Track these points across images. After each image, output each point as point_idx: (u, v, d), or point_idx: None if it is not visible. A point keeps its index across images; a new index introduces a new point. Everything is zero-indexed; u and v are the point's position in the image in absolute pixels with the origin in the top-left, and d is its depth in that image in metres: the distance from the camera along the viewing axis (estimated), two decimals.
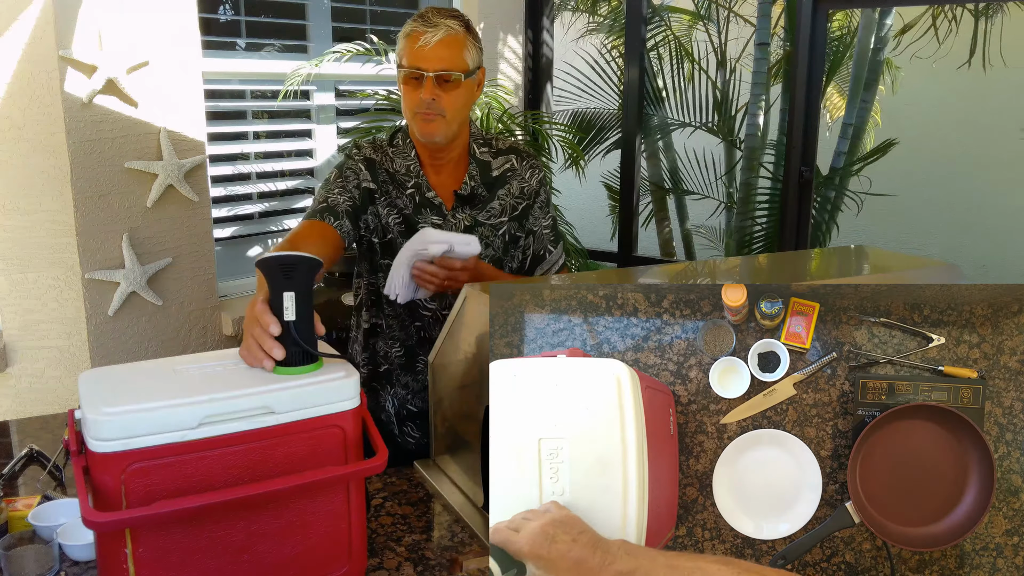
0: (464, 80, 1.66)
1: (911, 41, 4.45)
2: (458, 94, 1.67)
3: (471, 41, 1.68)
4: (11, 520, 1.36)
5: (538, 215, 1.86)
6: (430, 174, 1.79)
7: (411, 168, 1.78)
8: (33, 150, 2.28)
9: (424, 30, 1.63)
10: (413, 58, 1.64)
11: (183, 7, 2.50)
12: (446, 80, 1.64)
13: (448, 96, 1.65)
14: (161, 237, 2.55)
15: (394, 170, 1.79)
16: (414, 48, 1.64)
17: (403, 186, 1.78)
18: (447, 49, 1.63)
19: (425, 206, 1.77)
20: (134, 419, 1.05)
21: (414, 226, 1.76)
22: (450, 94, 1.65)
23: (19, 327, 2.38)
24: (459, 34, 1.65)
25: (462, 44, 1.66)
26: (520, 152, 1.84)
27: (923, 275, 1.61)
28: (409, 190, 1.78)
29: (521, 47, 3.63)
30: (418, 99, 1.65)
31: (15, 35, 2.22)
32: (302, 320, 1.19)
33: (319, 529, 1.19)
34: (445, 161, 1.78)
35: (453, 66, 1.64)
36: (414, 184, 1.77)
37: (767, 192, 4.11)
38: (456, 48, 1.65)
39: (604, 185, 4.60)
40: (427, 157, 1.78)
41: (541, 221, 1.87)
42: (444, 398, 1.61)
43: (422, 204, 1.77)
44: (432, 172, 1.79)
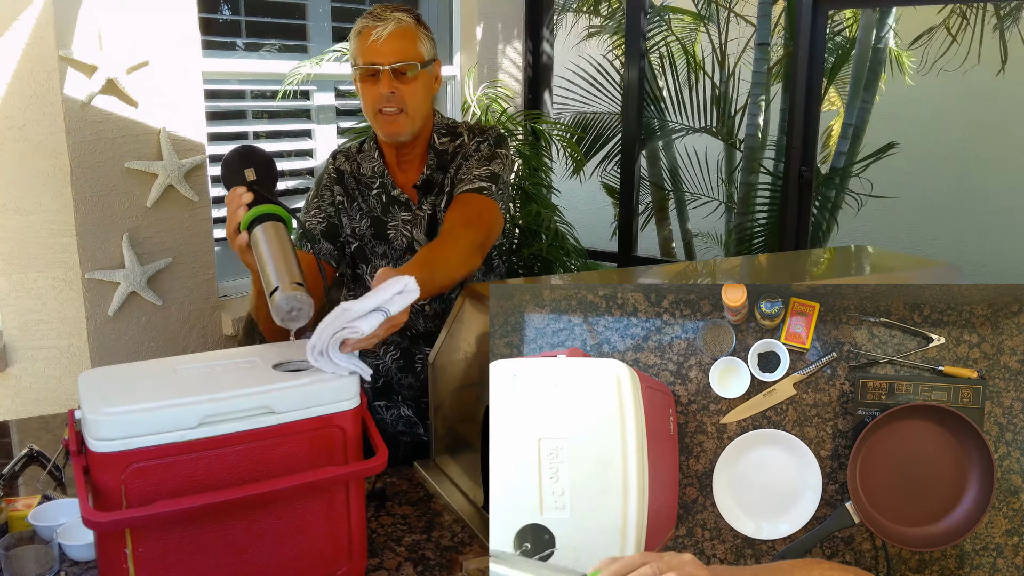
0: (421, 71, 1.66)
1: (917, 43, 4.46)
2: (416, 86, 1.66)
3: (423, 32, 1.68)
4: (11, 520, 1.36)
5: (472, 166, 1.70)
6: (396, 173, 1.78)
7: (375, 169, 1.78)
8: (33, 150, 2.28)
9: (374, 25, 1.64)
10: (367, 54, 1.65)
11: (183, 7, 2.50)
12: (403, 72, 1.64)
13: (407, 88, 1.65)
14: (161, 237, 2.55)
15: (360, 174, 1.80)
16: (366, 44, 1.65)
17: (369, 187, 1.79)
18: (400, 41, 1.64)
19: (392, 204, 1.78)
20: (134, 419, 1.05)
21: (384, 227, 1.77)
22: (408, 86, 1.65)
23: (19, 327, 2.38)
24: (409, 26, 1.65)
25: (413, 35, 1.66)
26: (475, 129, 1.78)
27: (923, 275, 1.61)
28: (375, 191, 1.79)
29: (521, 49, 3.63)
30: (377, 94, 1.65)
31: (15, 35, 2.22)
32: (263, 179, 1.38)
33: (319, 529, 1.19)
34: (410, 158, 1.77)
35: (408, 57, 1.64)
36: (379, 184, 1.78)
37: (767, 192, 4.11)
38: (408, 39, 1.65)
39: (604, 185, 4.60)
40: (391, 156, 1.78)
41: (474, 171, 1.68)
42: (444, 398, 1.61)
43: (389, 203, 1.78)
44: (398, 171, 1.78)
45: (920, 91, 5.05)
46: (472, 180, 1.68)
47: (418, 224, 1.76)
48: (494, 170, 1.69)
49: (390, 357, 1.85)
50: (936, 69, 4.48)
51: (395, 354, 1.84)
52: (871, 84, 4.43)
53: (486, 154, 1.72)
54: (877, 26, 4.40)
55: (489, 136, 1.75)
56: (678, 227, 5.01)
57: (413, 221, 1.76)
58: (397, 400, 1.87)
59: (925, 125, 5.19)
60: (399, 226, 1.78)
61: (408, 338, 1.83)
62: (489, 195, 1.66)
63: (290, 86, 2.83)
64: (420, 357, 1.83)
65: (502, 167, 1.72)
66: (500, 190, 1.69)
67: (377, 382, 1.86)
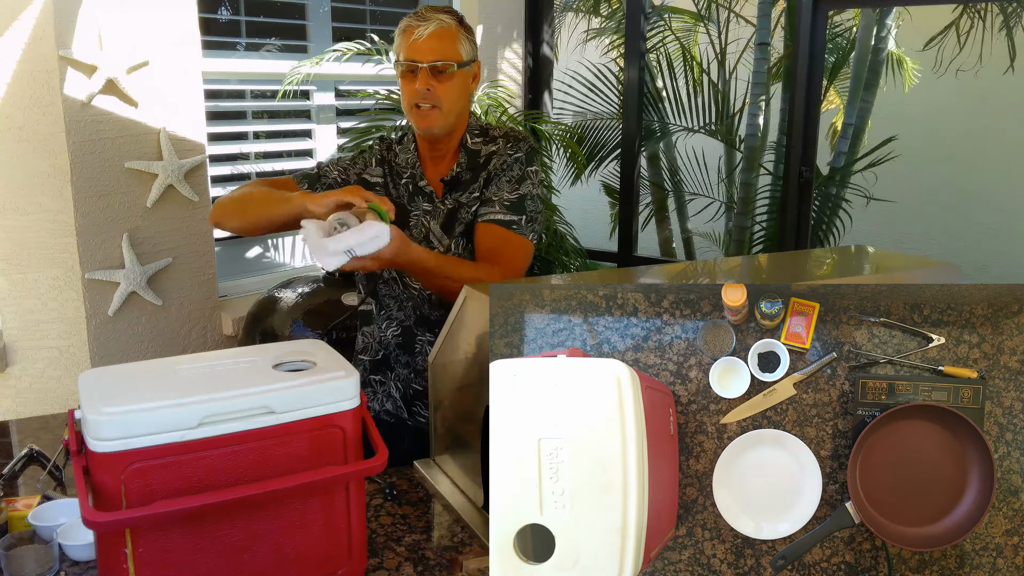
0: (458, 70, 1.73)
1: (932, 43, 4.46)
2: (452, 84, 1.73)
3: (463, 34, 1.75)
4: (11, 520, 1.36)
5: (503, 186, 1.77)
6: (427, 166, 1.86)
7: (409, 160, 1.86)
8: (33, 150, 2.29)
9: (417, 24, 1.72)
10: (408, 51, 1.73)
11: (183, 7, 2.50)
12: (440, 71, 1.71)
13: (443, 86, 1.72)
14: (161, 237, 2.55)
15: (396, 163, 1.88)
16: (408, 42, 1.73)
17: (400, 176, 1.87)
18: (439, 40, 1.71)
19: (417, 194, 1.84)
20: (134, 419, 1.05)
21: (406, 216, 1.84)
22: (444, 84, 1.72)
23: (19, 327, 2.38)
24: (451, 27, 1.73)
25: (454, 36, 1.73)
26: (509, 136, 1.84)
27: (923, 275, 1.61)
28: (404, 180, 1.86)
29: (521, 49, 3.63)
30: (414, 90, 1.72)
31: (15, 35, 2.22)
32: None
33: (319, 529, 1.19)
34: (442, 153, 1.84)
35: (446, 56, 1.71)
36: (409, 174, 1.86)
37: (767, 192, 4.11)
38: (448, 39, 1.72)
39: (604, 185, 4.60)
40: (426, 150, 1.85)
41: (504, 193, 1.76)
42: (444, 398, 1.62)
43: (415, 192, 1.84)
44: (430, 164, 1.85)
45: (920, 91, 5.05)
46: (502, 206, 1.75)
47: (436, 216, 1.81)
48: (523, 192, 1.77)
49: (391, 333, 1.89)
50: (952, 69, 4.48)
51: (396, 331, 1.88)
52: (871, 84, 4.43)
53: (517, 175, 1.78)
54: (877, 26, 4.40)
55: (521, 149, 1.81)
56: (678, 227, 5.01)
57: (432, 212, 1.82)
58: (391, 378, 1.90)
59: (925, 125, 5.19)
60: (420, 215, 1.83)
61: (413, 318, 1.85)
62: (517, 230, 1.75)
63: (290, 86, 2.83)
64: (420, 339, 1.86)
65: (532, 187, 1.79)
66: (529, 219, 1.77)
67: (377, 354, 1.91)
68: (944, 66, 4.50)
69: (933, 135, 5.25)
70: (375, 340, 1.91)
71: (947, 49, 4.52)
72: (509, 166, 1.79)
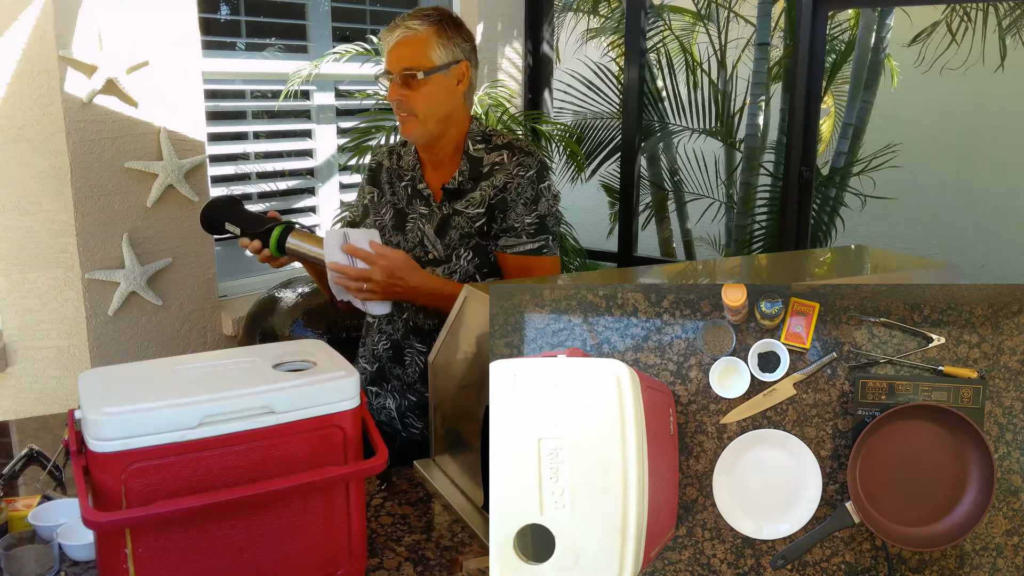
0: (429, 76, 1.69)
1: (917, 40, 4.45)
2: (425, 92, 1.70)
3: (438, 39, 1.70)
4: (11, 520, 1.36)
5: (521, 212, 1.74)
6: (427, 170, 1.85)
7: (410, 163, 1.87)
8: (33, 150, 2.28)
9: (387, 33, 1.72)
10: (385, 61, 1.73)
11: (183, 7, 2.50)
12: (410, 78, 1.69)
13: (415, 94, 1.69)
14: (161, 237, 2.55)
15: (399, 167, 1.89)
16: (384, 51, 1.74)
17: (401, 179, 1.87)
18: (407, 48, 1.69)
19: (416, 197, 1.84)
20: (134, 419, 1.05)
21: (404, 219, 1.84)
22: (417, 92, 1.69)
23: (19, 327, 2.38)
24: (418, 33, 1.69)
25: (423, 42, 1.69)
26: (514, 148, 1.80)
27: (923, 275, 1.61)
28: (404, 183, 1.86)
29: (521, 49, 3.63)
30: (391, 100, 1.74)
31: (15, 35, 2.22)
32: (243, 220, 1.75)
33: (319, 529, 1.19)
34: (440, 158, 1.82)
35: (413, 64, 1.68)
36: (410, 178, 1.86)
37: (767, 192, 4.11)
38: (417, 46, 1.68)
39: (604, 185, 4.59)
40: (423, 155, 1.85)
41: (524, 218, 1.75)
42: (444, 398, 1.62)
43: (413, 195, 1.84)
44: (429, 168, 1.85)
45: (920, 91, 5.05)
46: (527, 235, 1.74)
47: (431, 220, 1.80)
48: (541, 212, 1.75)
49: (381, 347, 1.89)
50: (937, 66, 4.47)
51: (386, 344, 1.88)
52: (871, 84, 4.43)
53: (531, 196, 1.75)
54: (877, 26, 4.40)
55: (532, 167, 1.76)
56: (678, 227, 5.01)
57: (428, 216, 1.81)
58: (387, 389, 1.90)
59: (925, 125, 5.19)
60: (416, 219, 1.83)
61: (400, 331, 1.85)
62: (547, 252, 1.76)
63: (292, 87, 2.83)
64: (410, 352, 1.85)
65: (548, 204, 1.77)
66: (552, 236, 1.77)
67: (373, 367, 1.92)
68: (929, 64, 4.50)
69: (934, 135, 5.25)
70: (370, 352, 1.93)
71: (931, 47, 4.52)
72: (523, 188, 1.75)
